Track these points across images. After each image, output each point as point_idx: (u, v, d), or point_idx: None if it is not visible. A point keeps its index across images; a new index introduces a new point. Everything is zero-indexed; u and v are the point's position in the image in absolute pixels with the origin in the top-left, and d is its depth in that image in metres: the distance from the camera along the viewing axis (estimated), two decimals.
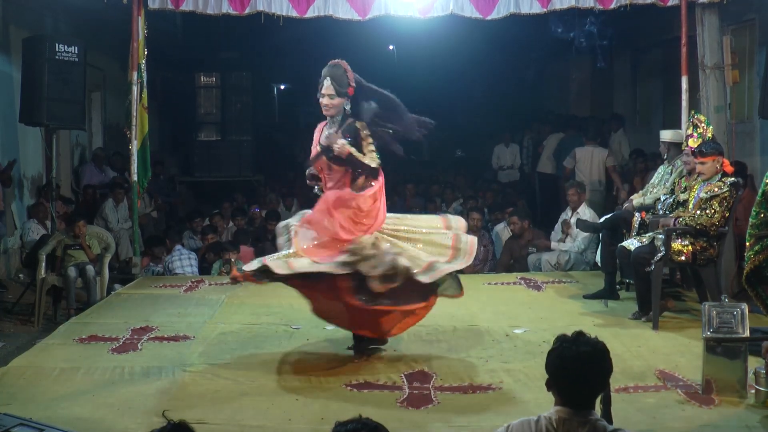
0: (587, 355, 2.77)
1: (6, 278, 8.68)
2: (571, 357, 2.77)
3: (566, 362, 2.77)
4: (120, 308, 6.80)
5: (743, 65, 8.37)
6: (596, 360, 2.79)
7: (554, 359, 2.82)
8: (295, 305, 6.78)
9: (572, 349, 2.78)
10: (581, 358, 2.76)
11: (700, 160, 6.11)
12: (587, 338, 2.83)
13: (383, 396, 4.62)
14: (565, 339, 2.84)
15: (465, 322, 6.21)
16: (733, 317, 4.50)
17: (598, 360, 2.79)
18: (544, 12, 8.13)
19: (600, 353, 2.80)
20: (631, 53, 13.30)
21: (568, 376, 2.77)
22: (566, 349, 2.79)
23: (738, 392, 4.49)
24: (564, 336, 2.85)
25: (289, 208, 11.92)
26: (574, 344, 2.80)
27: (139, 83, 8.15)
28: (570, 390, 2.78)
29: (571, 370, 2.76)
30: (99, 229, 8.47)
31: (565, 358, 2.78)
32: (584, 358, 2.76)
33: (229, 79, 15.39)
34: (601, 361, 2.80)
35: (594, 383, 2.80)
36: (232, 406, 4.46)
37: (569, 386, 2.78)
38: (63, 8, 10.05)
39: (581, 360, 2.76)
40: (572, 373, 2.76)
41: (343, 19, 8.17)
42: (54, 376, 4.96)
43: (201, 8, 8.06)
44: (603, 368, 2.81)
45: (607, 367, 2.83)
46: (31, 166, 9.58)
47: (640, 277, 6.12)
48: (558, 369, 2.79)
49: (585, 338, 2.83)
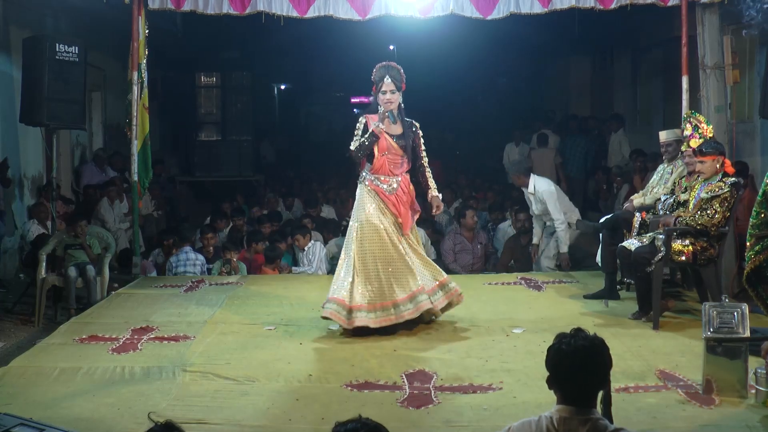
0: (584, 348, 2.80)
1: (6, 278, 8.68)
2: (569, 351, 2.79)
3: (564, 357, 2.79)
4: (120, 308, 6.80)
5: (743, 65, 8.36)
6: (594, 354, 2.81)
7: (553, 355, 2.84)
8: (295, 305, 6.80)
9: (570, 343, 2.81)
10: (579, 352, 2.79)
11: (700, 159, 6.10)
12: (585, 334, 2.87)
13: (383, 396, 4.62)
14: (563, 335, 2.87)
15: (465, 322, 6.20)
16: (733, 317, 4.50)
17: (595, 354, 2.81)
18: (544, 12, 8.13)
19: (597, 347, 2.83)
20: (631, 53, 13.31)
21: (566, 371, 2.79)
22: (564, 344, 2.81)
23: (738, 392, 4.48)
24: (563, 333, 2.88)
25: (290, 208, 11.93)
26: (572, 339, 2.82)
27: (139, 83, 8.15)
28: (569, 386, 2.79)
29: (569, 365, 2.78)
30: (99, 229, 8.47)
31: (563, 353, 2.80)
32: (582, 352, 2.79)
33: (229, 79, 15.41)
34: (599, 354, 2.82)
35: (593, 377, 2.81)
36: (232, 406, 4.46)
37: (568, 381, 2.79)
38: (63, 8, 10.05)
39: (579, 354, 2.78)
40: (571, 368, 2.78)
41: (343, 19, 8.17)
42: (54, 376, 4.95)
43: (201, 8, 8.06)
44: (601, 362, 2.83)
45: (606, 361, 2.85)
46: (31, 166, 9.59)
47: (640, 277, 6.12)
48: (557, 364, 2.81)
49: (583, 334, 2.87)
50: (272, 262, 8.59)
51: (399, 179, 5.95)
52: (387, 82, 5.90)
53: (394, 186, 5.91)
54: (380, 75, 5.93)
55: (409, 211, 5.99)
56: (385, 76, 5.91)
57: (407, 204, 5.97)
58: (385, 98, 5.90)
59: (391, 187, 5.91)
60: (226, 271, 8.35)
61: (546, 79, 17.62)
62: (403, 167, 6.01)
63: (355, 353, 5.41)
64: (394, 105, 5.92)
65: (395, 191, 5.91)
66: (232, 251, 8.47)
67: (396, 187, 5.92)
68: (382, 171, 5.93)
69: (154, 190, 11.03)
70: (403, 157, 5.98)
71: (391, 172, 5.94)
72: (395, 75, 5.93)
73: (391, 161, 5.94)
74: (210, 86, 15.40)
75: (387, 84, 5.90)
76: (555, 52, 15.75)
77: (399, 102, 5.97)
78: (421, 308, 5.78)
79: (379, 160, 5.92)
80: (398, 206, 5.89)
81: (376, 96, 5.97)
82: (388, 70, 5.94)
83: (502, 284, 7.70)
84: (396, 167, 5.96)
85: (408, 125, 6.01)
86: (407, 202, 5.98)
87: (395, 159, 5.95)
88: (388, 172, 5.93)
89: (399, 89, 5.93)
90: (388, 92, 5.90)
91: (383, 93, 5.91)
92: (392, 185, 5.92)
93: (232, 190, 13.28)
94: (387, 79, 5.90)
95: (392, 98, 5.91)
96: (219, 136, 15.34)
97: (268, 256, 8.62)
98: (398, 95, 5.94)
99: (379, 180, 5.93)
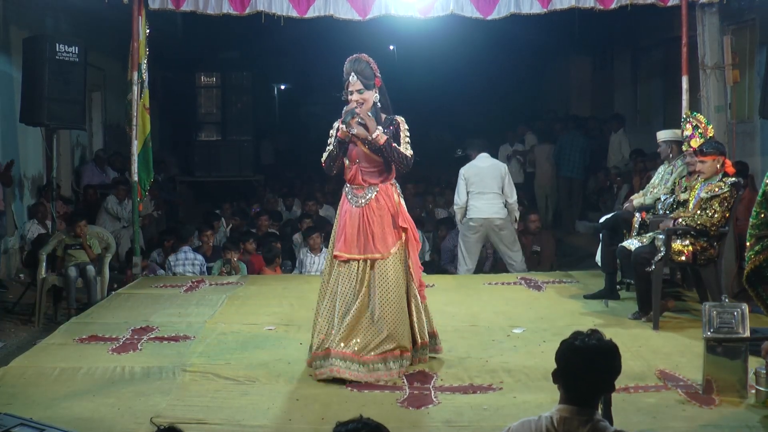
0: (596, 349, 2.80)
1: (6, 278, 8.68)
2: (581, 348, 2.80)
3: (575, 353, 2.80)
4: (120, 308, 6.80)
5: (744, 65, 8.36)
6: (604, 356, 2.81)
7: (564, 349, 2.85)
8: (295, 305, 6.80)
9: (584, 341, 2.82)
10: (590, 351, 2.79)
11: (701, 158, 6.09)
12: (600, 336, 2.87)
13: (383, 396, 4.61)
14: (579, 333, 2.88)
15: (465, 322, 6.21)
16: (733, 317, 4.50)
17: (606, 356, 2.82)
18: (544, 12, 8.12)
19: (609, 351, 2.83)
20: (631, 53, 13.30)
21: (574, 367, 2.79)
22: (578, 341, 2.82)
23: (738, 392, 4.48)
24: (579, 331, 2.89)
25: (290, 208, 11.93)
26: (586, 338, 2.83)
27: (140, 83, 8.15)
28: (574, 383, 2.79)
29: (578, 362, 2.78)
30: (100, 229, 8.47)
31: (574, 348, 2.81)
32: (593, 352, 2.79)
33: (229, 79, 15.42)
34: (609, 359, 2.83)
35: (598, 379, 2.81)
36: (232, 406, 4.46)
37: (574, 379, 2.79)
38: (63, 8, 10.05)
39: (590, 353, 2.79)
40: (578, 365, 2.78)
41: (343, 19, 8.17)
42: (54, 376, 4.95)
43: (201, 8, 8.05)
44: (609, 366, 2.83)
45: (615, 367, 2.85)
46: (31, 166, 9.59)
47: (640, 277, 6.12)
48: (567, 359, 2.81)
49: (599, 335, 2.87)
50: (271, 263, 8.59)
51: (377, 189, 5.03)
52: (353, 80, 5.02)
53: (369, 196, 5.01)
54: (346, 72, 5.06)
55: (389, 228, 4.99)
56: (351, 73, 5.03)
57: (384, 219, 4.99)
58: (352, 99, 5.02)
59: (364, 199, 5.01)
60: (227, 271, 8.35)
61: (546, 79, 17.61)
62: (383, 176, 5.07)
63: None
64: (366, 106, 5.03)
65: (366, 204, 4.99)
66: (232, 251, 8.47)
67: (371, 198, 5.01)
68: (356, 181, 5.06)
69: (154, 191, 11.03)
70: (383, 165, 5.05)
71: (365, 182, 5.04)
72: (363, 70, 5.02)
73: (366, 170, 5.05)
74: (210, 86, 15.42)
75: (353, 83, 5.02)
76: (555, 52, 15.74)
77: (374, 101, 5.07)
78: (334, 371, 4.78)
79: (351, 169, 5.08)
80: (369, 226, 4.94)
81: (346, 96, 5.09)
82: (354, 65, 5.04)
83: (502, 284, 7.70)
84: (373, 176, 5.05)
85: (387, 123, 5.07)
86: (384, 216, 5.00)
87: (370, 167, 5.04)
88: (361, 182, 5.04)
89: (370, 87, 5.03)
90: (354, 92, 5.01)
91: (350, 93, 5.04)
92: (366, 197, 5.02)
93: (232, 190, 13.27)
94: (353, 77, 5.01)
95: (362, 98, 5.00)
96: (219, 136, 15.35)
97: (266, 258, 8.62)
98: (371, 93, 5.03)
99: (353, 191, 5.09)
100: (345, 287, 4.93)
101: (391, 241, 4.97)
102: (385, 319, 4.87)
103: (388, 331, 4.86)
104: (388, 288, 4.92)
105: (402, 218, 5.04)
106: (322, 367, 4.84)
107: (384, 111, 5.13)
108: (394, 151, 4.96)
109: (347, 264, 4.95)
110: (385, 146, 4.94)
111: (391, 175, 5.11)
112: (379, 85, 5.08)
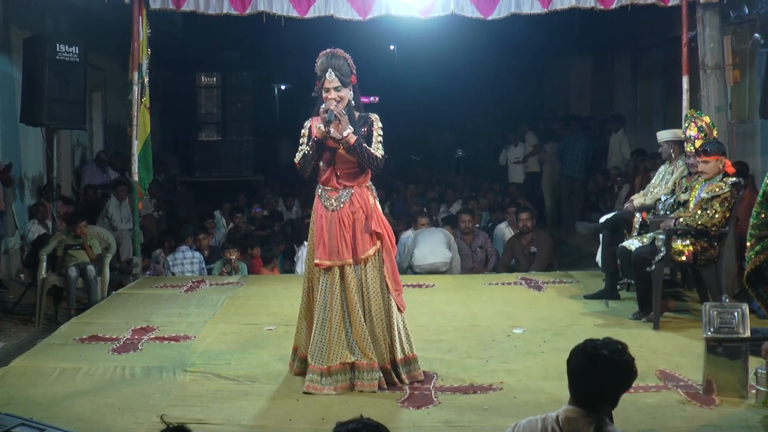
0: (604, 357, 2.78)
1: (7, 278, 8.68)
2: (591, 353, 2.78)
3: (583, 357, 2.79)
4: (120, 308, 6.80)
5: (744, 65, 8.36)
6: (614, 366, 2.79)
7: (577, 352, 2.83)
8: (295, 305, 6.79)
9: (596, 346, 2.81)
10: (599, 358, 2.77)
11: (704, 159, 6.09)
12: (615, 346, 2.82)
13: (383, 396, 4.61)
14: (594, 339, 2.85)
15: (465, 322, 6.21)
16: (733, 317, 4.50)
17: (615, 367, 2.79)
18: (544, 12, 8.12)
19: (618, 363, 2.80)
20: (631, 53, 13.30)
21: (580, 370, 2.78)
22: (590, 346, 2.81)
23: (739, 392, 4.48)
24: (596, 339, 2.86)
25: (290, 208, 11.94)
26: (598, 344, 2.81)
27: (140, 83, 8.15)
28: (579, 386, 2.79)
29: (584, 365, 2.77)
30: (100, 229, 8.47)
31: (584, 353, 2.79)
32: (601, 360, 2.77)
33: (229, 79, 15.44)
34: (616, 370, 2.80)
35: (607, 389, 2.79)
36: (232, 406, 4.46)
37: (580, 381, 2.78)
38: (63, 8, 10.05)
39: (598, 359, 2.77)
40: (584, 368, 2.78)
41: (343, 19, 8.17)
42: (54, 376, 4.96)
43: (202, 8, 8.05)
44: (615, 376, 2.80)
45: (626, 381, 2.82)
46: (31, 166, 9.59)
47: (640, 277, 6.11)
48: (577, 365, 2.80)
49: (613, 346, 2.82)
50: (269, 263, 8.59)
51: (351, 192, 4.82)
52: (330, 77, 4.74)
53: (343, 199, 4.81)
54: (321, 68, 4.79)
55: (364, 234, 4.79)
56: (328, 69, 4.75)
57: (359, 224, 4.80)
58: (330, 97, 4.74)
59: (339, 202, 4.82)
60: (227, 271, 8.35)
61: (546, 79, 17.61)
62: (358, 178, 4.85)
63: None
64: (342, 104, 4.76)
65: (341, 208, 4.80)
66: (232, 251, 8.47)
67: (345, 201, 4.81)
68: (330, 183, 4.84)
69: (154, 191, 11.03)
70: (357, 167, 4.82)
71: (339, 184, 4.83)
72: (341, 67, 4.77)
73: (342, 172, 4.83)
74: (210, 86, 15.44)
75: (330, 80, 4.74)
76: (555, 52, 15.74)
77: (349, 99, 4.81)
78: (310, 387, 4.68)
79: (325, 171, 4.85)
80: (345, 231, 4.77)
81: (319, 94, 4.83)
82: (331, 61, 4.77)
83: (502, 284, 7.70)
84: (349, 178, 4.83)
85: (361, 121, 4.85)
86: (359, 220, 4.80)
87: (346, 168, 4.82)
88: (335, 184, 4.83)
89: (346, 84, 4.77)
90: (331, 90, 4.74)
91: (326, 91, 4.75)
92: (341, 199, 4.82)
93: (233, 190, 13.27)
94: (330, 74, 4.73)
95: (339, 96, 4.74)
96: (219, 136, 15.38)
97: (265, 258, 8.63)
98: (347, 91, 4.77)
99: (326, 193, 4.87)
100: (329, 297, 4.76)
101: (369, 245, 4.80)
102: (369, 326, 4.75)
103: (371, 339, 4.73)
104: (369, 295, 4.78)
105: (376, 222, 4.83)
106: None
107: (356, 109, 4.89)
108: (365, 152, 4.74)
109: (329, 271, 4.77)
110: (356, 146, 4.71)
111: (366, 178, 4.91)
112: (354, 83, 4.85)
